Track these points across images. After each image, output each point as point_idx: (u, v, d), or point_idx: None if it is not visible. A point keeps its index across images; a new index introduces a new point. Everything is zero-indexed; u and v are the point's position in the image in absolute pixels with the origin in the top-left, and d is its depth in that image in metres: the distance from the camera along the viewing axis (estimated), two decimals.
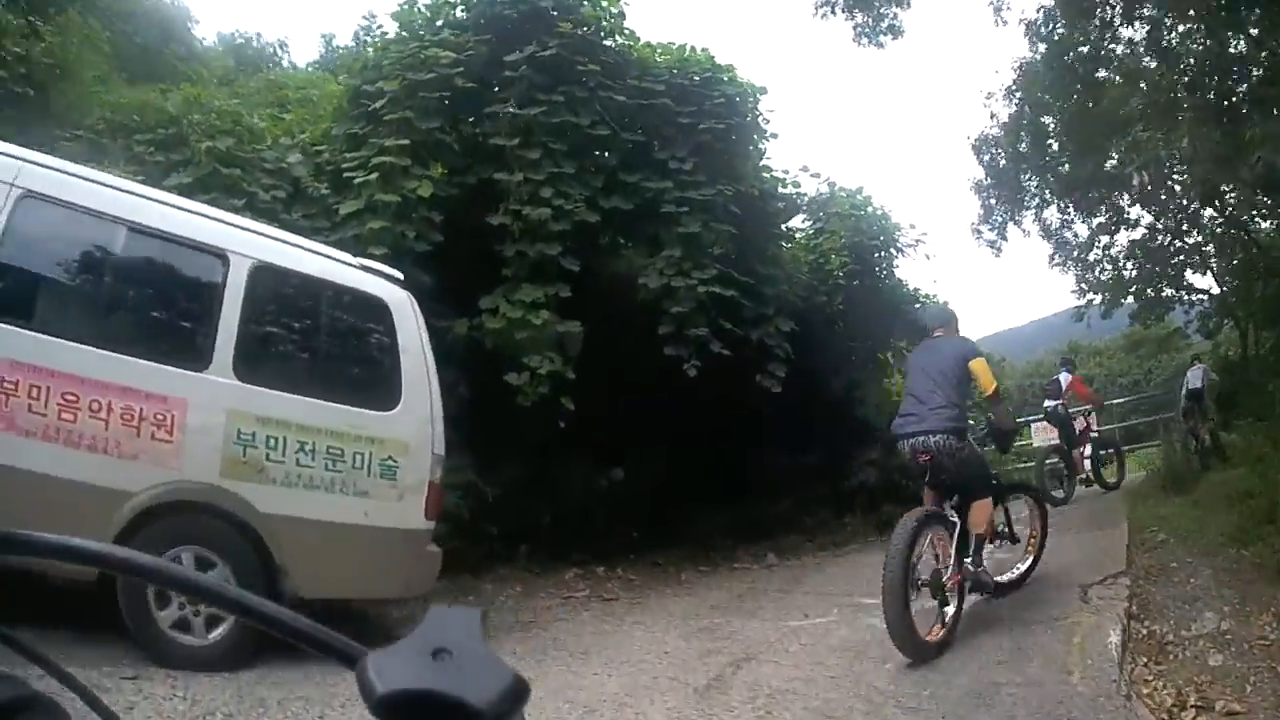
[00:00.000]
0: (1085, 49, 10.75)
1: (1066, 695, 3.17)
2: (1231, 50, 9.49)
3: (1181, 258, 14.62)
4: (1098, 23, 10.28)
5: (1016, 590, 4.54)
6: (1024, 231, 15.16)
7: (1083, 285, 15.23)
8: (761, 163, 7.95)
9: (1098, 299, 15.06)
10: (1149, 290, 14.67)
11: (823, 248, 8.92)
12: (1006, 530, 4.56)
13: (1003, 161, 13.89)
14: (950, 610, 3.85)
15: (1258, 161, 8.72)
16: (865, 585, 5.22)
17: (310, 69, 14.11)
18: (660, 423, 6.88)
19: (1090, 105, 11.15)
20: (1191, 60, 10.26)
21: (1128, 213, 14.42)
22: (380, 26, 11.32)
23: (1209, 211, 13.78)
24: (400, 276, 4.15)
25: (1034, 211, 14.85)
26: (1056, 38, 11.09)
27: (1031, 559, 4.72)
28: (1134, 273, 14.80)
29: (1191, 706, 3.09)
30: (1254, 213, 12.79)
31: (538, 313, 5.92)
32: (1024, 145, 13.36)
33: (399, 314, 3.95)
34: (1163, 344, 19.27)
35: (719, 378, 6.58)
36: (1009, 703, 3.18)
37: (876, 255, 9.28)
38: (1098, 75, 11.13)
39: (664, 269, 6.41)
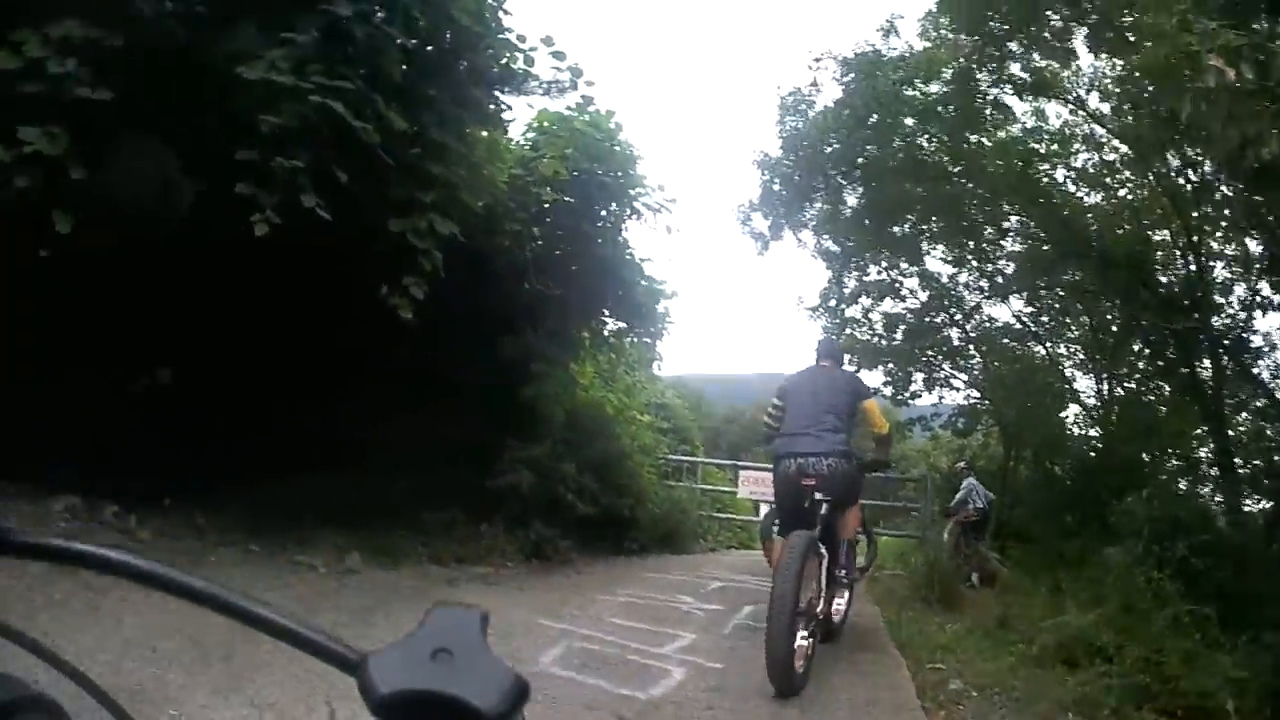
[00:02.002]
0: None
1: None
2: None
3: (948, 347, 13.07)
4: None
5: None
6: (799, 241, 11.74)
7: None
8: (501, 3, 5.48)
9: (848, 360, 12.56)
10: (907, 368, 12.75)
11: (538, 165, 6.41)
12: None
13: (806, 140, 10.20)
14: (811, 641, 3.60)
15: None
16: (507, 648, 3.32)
17: None
18: (237, 317, 4.79)
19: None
20: None
21: (901, 283, 12.61)
22: None
23: (990, 311, 12.63)
24: None
25: (814, 228, 11.66)
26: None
27: (849, 594, 4.61)
28: (898, 344, 12.72)
29: None
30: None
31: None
32: (834, 139, 9.99)
33: None
34: (897, 430, 17.72)
35: (322, 272, 4.64)
36: None
37: (606, 204, 6.97)
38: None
39: (279, 60, 4.14)
